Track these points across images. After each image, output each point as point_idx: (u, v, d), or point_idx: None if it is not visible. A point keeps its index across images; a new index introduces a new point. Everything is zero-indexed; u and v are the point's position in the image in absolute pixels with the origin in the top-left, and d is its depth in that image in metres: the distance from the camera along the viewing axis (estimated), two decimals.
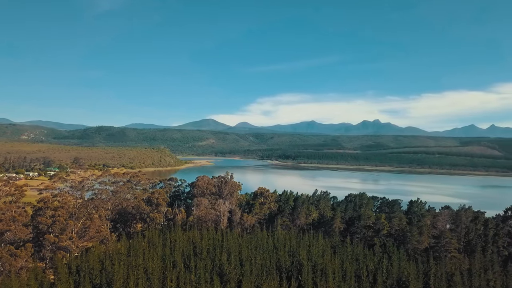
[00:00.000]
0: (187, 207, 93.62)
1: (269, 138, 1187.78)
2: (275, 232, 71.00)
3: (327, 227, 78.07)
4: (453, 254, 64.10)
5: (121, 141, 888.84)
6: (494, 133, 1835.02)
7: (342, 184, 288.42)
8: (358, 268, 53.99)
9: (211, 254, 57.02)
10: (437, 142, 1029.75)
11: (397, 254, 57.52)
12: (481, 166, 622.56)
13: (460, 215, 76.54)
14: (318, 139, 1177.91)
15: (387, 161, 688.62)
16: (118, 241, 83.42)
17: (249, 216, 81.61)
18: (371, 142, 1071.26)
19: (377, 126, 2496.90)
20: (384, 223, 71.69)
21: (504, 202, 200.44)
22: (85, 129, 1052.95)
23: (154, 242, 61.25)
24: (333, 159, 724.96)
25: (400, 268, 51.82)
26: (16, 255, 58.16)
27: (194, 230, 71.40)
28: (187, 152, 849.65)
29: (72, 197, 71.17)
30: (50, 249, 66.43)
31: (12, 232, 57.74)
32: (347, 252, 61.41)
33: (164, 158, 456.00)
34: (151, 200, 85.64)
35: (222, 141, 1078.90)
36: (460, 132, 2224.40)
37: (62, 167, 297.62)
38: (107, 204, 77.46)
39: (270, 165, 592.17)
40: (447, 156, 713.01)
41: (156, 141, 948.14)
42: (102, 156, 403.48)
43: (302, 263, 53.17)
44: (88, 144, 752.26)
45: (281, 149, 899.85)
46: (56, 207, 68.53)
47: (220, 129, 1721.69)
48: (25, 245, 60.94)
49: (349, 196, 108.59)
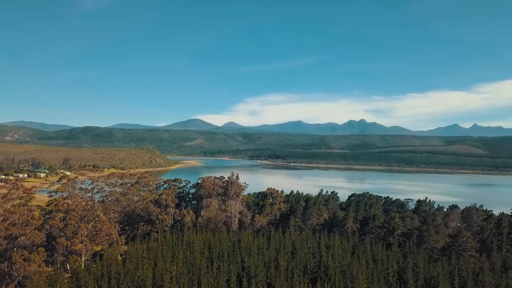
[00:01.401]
0: (196, 209, 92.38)
1: (258, 138, 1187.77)
2: (291, 233, 70.48)
3: (339, 227, 77.90)
4: (471, 253, 64.32)
5: (108, 142, 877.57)
6: (477, 132, 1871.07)
7: (337, 184, 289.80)
8: (383, 269, 53.87)
9: (232, 256, 56.24)
10: (423, 141, 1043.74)
11: (422, 254, 57.61)
12: (467, 164, 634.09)
13: (471, 213, 77.08)
14: (306, 139, 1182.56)
15: (375, 160, 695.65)
16: (127, 243, 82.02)
17: (261, 217, 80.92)
18: (358, 141, 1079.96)
19: (363, 126, 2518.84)
20: (398, 223, 71.70)
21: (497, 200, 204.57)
22: (71, 130, 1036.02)
23: (169, 245, 60.16)
24: (322, 158, 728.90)
25: (425, 268, 51.79)
26: (29, 260, 56.44)
27: (208, 231, 70.35)
28: (175, 153, 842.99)
29: (82, 199, 69.37)
30: (62, 253, 64.83)
31: (27, 236, 55.82)
32: (367, 253, 61.35)
33: (154, 159, 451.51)
34: (160, 201, 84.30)
35: (210, 141, 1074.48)
36: (444, 132, 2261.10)
37: (52, 168, 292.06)
38: (116, 206, 75.84)
39: (260, 165, 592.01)
40: (434, 155, 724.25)
41: (143, 141, 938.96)
42: (91, 157, 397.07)
43: (328, 264, 52.78)
44: (74, 145, 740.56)
45: (270, 149, 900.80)
46: (67, 210, 66.82)
47: (207, 129, 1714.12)
48: (37, 249, 59.15)
49: (352, 195, 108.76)
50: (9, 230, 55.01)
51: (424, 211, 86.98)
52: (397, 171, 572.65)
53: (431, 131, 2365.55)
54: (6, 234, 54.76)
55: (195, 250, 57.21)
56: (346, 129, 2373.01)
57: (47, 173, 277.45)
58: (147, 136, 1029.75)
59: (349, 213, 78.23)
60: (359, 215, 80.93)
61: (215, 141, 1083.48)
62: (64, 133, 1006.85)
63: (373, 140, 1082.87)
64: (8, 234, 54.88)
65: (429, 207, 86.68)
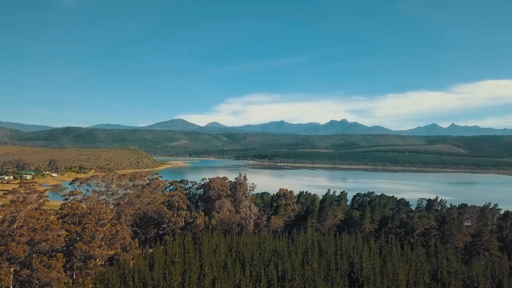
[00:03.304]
0: (205, 210, 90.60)
1: (242, 138, 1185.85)
2: (313, 234, 69.64)
3: (356, 228, 77.51)
4: (494, 252, 64.60)
5: (91, 142, 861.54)
6: (455, 132, 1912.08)
7: (332, 184, 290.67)
8: (416, 270, 53.48)
9: (261, 259, 55.01)
10: (404, 140, 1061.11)
11: (449, 253, 57.52)
12: (450, 163, 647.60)
13: (485, 212, 77.68)
14: (290, 139, 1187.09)
15: (360, 160, 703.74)
16: (140, 247, 79.72)
17: (277, 218, 79.87)
18: (342, 141, 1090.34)
19: (344, 126, 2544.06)
20: (418, 223, 71.68)
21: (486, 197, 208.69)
22: (51, 130, 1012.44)
23: (189, 248, 58.47)
24: (308, 158, 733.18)
25: (461, 268, 51.65)
26: (50, 266, 54.05)
27: (229, 234, 68.78)
28: (159, 153, 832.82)
29: (97, 202, 66.97)
30: (79, 258, 62.47)
31: (49, 242, 53.34)
32: (392, 253, 60.96)
33: (141, 159, 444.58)
34: (172, 203, 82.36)
35: (194, 142, 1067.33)
36: (423, 131, 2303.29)
37: (38, 170, 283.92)
38: (130, 208, 73.63)
39: (247, 165, 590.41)
40: (417, 154, 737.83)
41: (126, 142, 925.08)
42: (77, 158, 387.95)
43: (362, 266, 52.10)
44: (55, 146, 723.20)
45: (256, 149, 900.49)
46: (83, 213, 64.41)
47: (190, 129, 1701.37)
48: (56, 255, 56.67)
49: (357, 195, 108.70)
50: (30, 235, 52.46)
51: (436, 210, 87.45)
52: (383, 170, 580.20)
53: (410, 131, 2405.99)
54: (28, 240, 52.20)
55: (221, 253, 55.79)
56: (328, 129, 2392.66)
57: (33, 175, 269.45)
58: (130, 136, 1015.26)
59: (366, 213, 77.86)
60: (375, 215, 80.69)
61: (200, 142, 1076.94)
62: (44, 133, 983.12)
63: (356, 139, 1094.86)
64: (29, 240, 52.32)
65: (441, 206, 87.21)
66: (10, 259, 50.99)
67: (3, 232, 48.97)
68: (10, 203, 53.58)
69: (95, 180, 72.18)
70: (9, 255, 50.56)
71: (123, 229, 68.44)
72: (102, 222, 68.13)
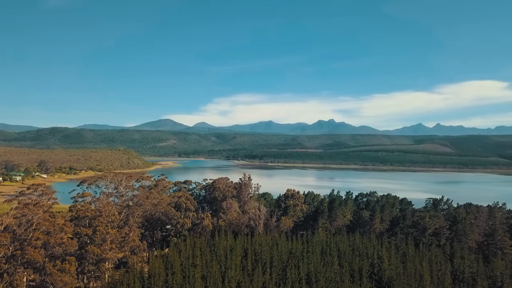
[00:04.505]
0: (211, 211, 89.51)
1: (231, 138, 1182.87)
2: (326, 235, 69.22)
3: (366, 228, 77.34)
4: (508, 251, 64.93)
5: (78, 143, 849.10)
6: (440, 131, 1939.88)
7: (326, 183, 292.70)
8: (436, 269, 53.41)
9: (278, 261, 54.30)
10: (392, 140, 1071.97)
11: (465, 252, 57.64)
12: (438, 163, 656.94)
13: (493, 211, 78.14)
14: (279, 139, 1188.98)
15: (350, 160, 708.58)
16: (149, 249, 78.25)
17: (286, 219, 79.24)
18: (330, 141, 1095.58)
19: (332, 126, 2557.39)
20: (429, 222, 71.78)
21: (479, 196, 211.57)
22: (37, 130, 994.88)
23: (205, 251, 57.44)
24: (298, 158, 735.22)
25: (483, 267, 51.67)
26: (64, 271, 52.51)
27: (239, 235, 67.84)
28: (148, 154, 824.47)
29: (108, 204, 65.45)
30: (91, 261, 60.95)
31: (64, 245, 51.76)
32: (408, 253, 60.85)
33: (132, 160, 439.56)
34: (180, 204, 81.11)
35: (183, 142, 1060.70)
36: (410, 131, 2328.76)
37: (28, 171, 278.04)
38: (139, 210, 72.23)
39: (238, 165, 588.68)
40: (406, 154, 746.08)
41: (114, 142, 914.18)
42: (66, 159, 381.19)
43: (384, 267, 51.76)
44: (42, 146, 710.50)
45: (245, 149, 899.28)
46: (94, 216, 62.85)
47: (178, 129, 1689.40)
48: (68, 258, 55.10)
49: (360, 195, 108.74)
50: (45, 238, 50.83)
51: (442, 209, 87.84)
52: (373, 170, 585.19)
53: (397, 130, 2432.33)
54: (42, 243, 50.56)
55: (237, 255, 54.86)
56: (316, 129, 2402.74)
57: (23, 176, 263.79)
58: (118, 137, 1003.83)
59: (376, 213, 77.71)
60: (384, 215, 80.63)
61: (189, 142, 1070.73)
62: (30, 134, 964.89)
63: (344, 139, 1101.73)
64: (43, 243, 50.67)
65: (447, 205, 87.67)
66: (25, 263, 49.35)
67: (19, 236, 47.23)
68: (23, 206, 51.84)
69: (103, 181, 70.55)
70: (23, 260, 48.92)
71: (133, 231, 67.13)
72: (112, 224, 66.68)
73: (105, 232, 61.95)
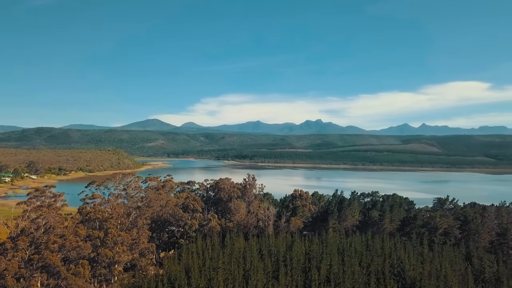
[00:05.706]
0: (217, 212, 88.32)
1: (220, 138, 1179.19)
2: (340, 236, 68.75)
3: (375, 228, 77.20)
4: None
5: (65, 143, 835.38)
6: (426, 131, 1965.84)
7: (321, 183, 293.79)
8: (456, 269, 53.32)
9: (298, 262, 53.61)
10: (380, 140, 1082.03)
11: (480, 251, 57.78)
12: (426, 162, 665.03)
13: (501, 211, 78.66)
14: (268, 139, 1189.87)
15: (340, 159, 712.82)
16: (157, 251, 76.73)
17: (296, 219, 78.61)
18: (319, 141, 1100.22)
19: (319, 126, 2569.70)
20: (440, 222, 71.88)
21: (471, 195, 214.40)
22: (22, 131, 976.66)
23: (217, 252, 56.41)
24: (288, 158, 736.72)
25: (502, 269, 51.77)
26: (78, 274, 51.01)
27: (255, 237, 66.93)
28: (137, 154, 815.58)
29: (118, 206, 63.92)
30: (104, 264, 59.47)
31: (79, 249, 50.18)
32: (424, 253, 60.77)
33: (122, 160, 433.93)
34: (187, 205, 79.85)
35: (172, 142, 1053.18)
36: (396, 131, 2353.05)
37: (17, 172, 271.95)
38: (149, 212, 70.83)
39: (229, 166, 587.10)
40: (394, 153, 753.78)
41: (102, 142, 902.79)
42: (55, 159, 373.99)
43: (405, 267, 51.46)
44: (28, 147, 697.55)
45: (235, 149, 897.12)
46: (105, 218, 61.28)
47: (166, 129, 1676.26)
48: (82, 262, 53.52)
49: (361, 195, 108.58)
50: (61, 242, 49.19)
51: (448, 209, 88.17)
52: (363, 169, 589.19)
53: (384, 130, 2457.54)
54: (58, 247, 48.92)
55: (254, 256, 53.96)
56: (303, 129, 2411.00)
57: (12, 177, 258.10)
58: (106, 137, 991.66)
59: (385, 213, 77.57)
60: (393, 215, 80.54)
61: (177, 142, 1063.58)
62: (15, 134, 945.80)
63: (332, 139, 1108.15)
64: (60, 246, 49.02)
65: (453, 205, 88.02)
66: (40, 268, 47.65)
67: (37, 240, 45.52)
68: (37, 208, 50.09)
69: (112, 182, 68.91)
70: (39, 264, 47.24)
71: (144, 233, 65.79)
72: (121, 226, 65.20)
73: (116, 235, 60.54)
